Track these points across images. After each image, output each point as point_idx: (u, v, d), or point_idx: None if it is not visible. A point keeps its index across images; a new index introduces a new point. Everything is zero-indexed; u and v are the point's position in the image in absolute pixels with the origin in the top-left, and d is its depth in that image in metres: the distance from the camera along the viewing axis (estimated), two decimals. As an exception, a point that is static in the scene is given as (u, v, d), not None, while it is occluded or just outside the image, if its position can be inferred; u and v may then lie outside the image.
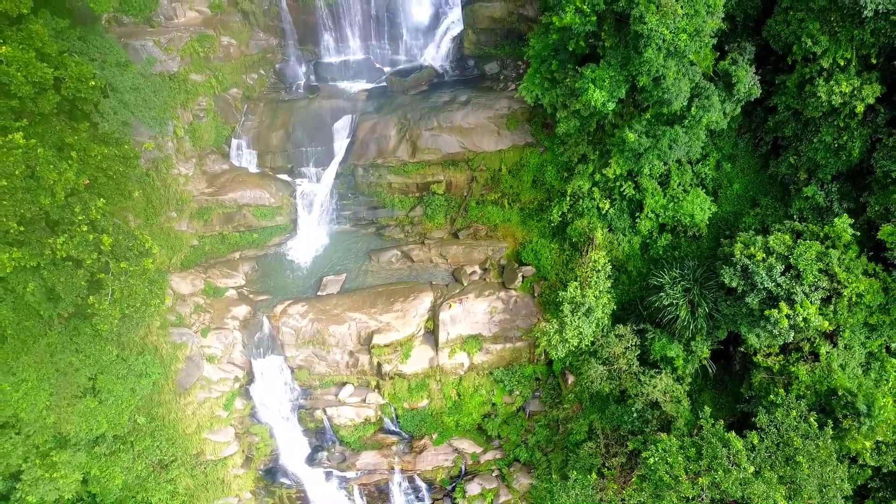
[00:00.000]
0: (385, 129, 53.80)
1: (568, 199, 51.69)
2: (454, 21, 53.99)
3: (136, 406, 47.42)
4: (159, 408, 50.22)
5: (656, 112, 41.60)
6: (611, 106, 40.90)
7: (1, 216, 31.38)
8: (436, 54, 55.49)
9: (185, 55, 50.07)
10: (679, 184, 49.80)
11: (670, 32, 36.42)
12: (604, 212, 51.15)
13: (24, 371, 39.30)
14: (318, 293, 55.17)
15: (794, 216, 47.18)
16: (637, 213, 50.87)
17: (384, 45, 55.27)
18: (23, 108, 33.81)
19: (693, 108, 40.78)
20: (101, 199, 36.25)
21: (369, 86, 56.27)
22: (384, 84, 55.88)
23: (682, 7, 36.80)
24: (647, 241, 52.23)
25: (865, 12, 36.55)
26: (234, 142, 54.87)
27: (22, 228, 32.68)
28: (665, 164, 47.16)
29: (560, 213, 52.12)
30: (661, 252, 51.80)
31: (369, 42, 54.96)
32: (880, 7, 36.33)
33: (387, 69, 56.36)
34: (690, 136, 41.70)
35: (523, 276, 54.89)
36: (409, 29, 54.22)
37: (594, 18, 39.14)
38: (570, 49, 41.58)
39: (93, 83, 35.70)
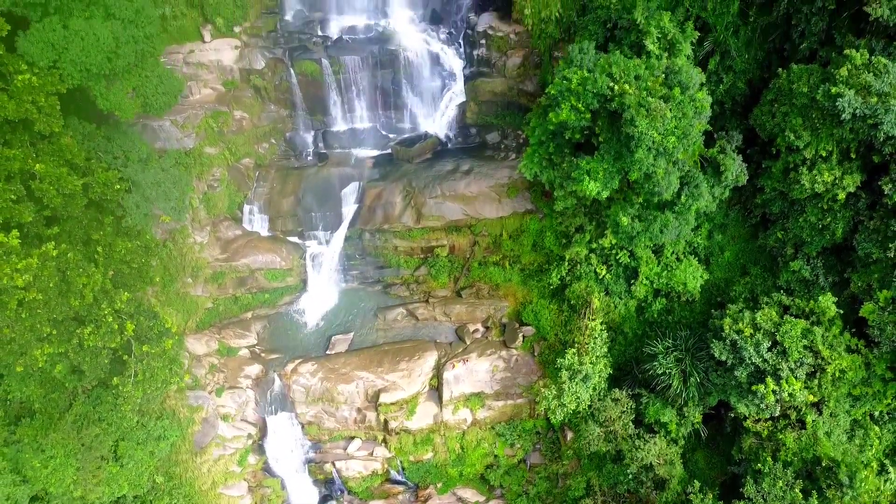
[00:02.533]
0: (391, 196, 56.18)
1: (566, 263, 53.98)
2: (457, 93, 56.26)
3: (154, 467, 49.90)
4: (176, 467, 52.79)
5: (648, 197, 43.80)
6: (605, 194, 43.21)
7: (36, 323, 33.81)
8: (439, 123, 57.79)
9: (199, 131, 52.55)
10: (672, 252, 52.07)
11: (659, 135, 38.64)
12: (601, 277, 53.44)
13: (52, 448, 41.82)
14: (327, 352, 57.66)
15: (782, 286, 49.32)
16: (632, 280, 53.12)
17: (390, 114, 57.59)
18: (54, 214, 36.29)
19: (683, 196, 42.99)
20: (126, 294, 38.70)
21: (376, 153, 58.63)
22: (390, 151, 58.22)
23: (670, 110, 39.04)
24: (643, 304, 54.50)
25: (844, 115, 38.71)
26: (247, 207, 57.33)
27: (54, 331, 35.15)
28: (658, 237, 49.44)
29: (559, 276, 54.40)
30: (655, 315, 54.08)
31: (376, 111, 57.30)
32: (857, 111, 38.47)
33: (392, 136, 58.64)
34: (681, 221, 43.90)
35: (524, 336, 57.25)
36: (414, 99, 56.51)
37: (588, 116, 41.43)
38: (567, 137, 43.81)
39: (118, 187, 38.24)
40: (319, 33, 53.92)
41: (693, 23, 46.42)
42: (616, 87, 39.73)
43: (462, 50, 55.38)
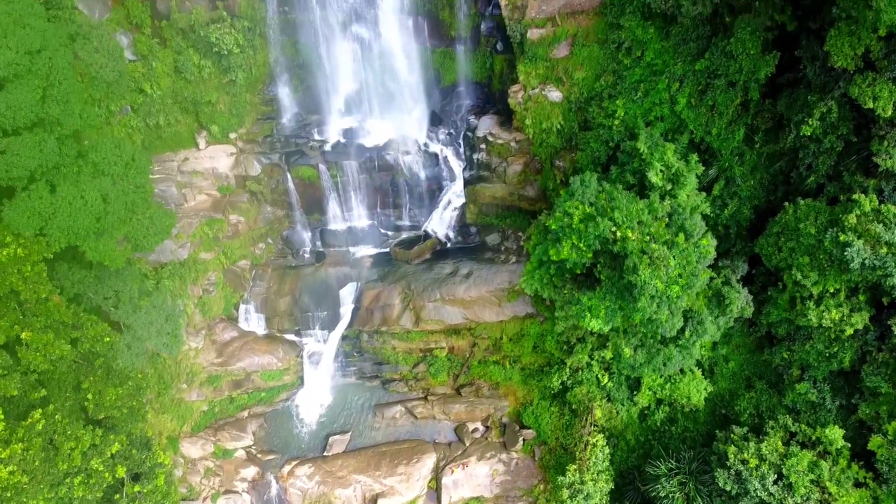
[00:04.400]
0: (389, 297, 55.26)
1: (567, 368, 52.98)
2: (456, 193, 55.34)
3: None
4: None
5: (651, 334, 42.83)
6: (606, 329, 42.20)
7: (22, 498, 32.92)
8: (439, 222, 56.83)
9: (194, 240, 51.69)
10: (676, 364, 50.98)
11: (663, 284, 37.65)
12: (602, 384, 52.42)
13: None
14: (325, 453, 56.72)
15: (788, 406, 48.27)
16: (635, 390, 52.12)
17: (389, 213, 56.72)
18: (41, 377, 35.45)
19: (687, 332, 42.01)
20: (117, 444, 37.80)
21: (374, 251, 57.74)
22: (388, 249, 57.29)
23: (674, 258, 38.04)
24: (646, 411, 53.49)
25: (852, 264, 37.68)
26: (243, 307, 56.45)
27: (50, 495, 34.28)
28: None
29: (560, 381, 53.43)
30: (658, 424, 53.05)
31: (374, 210, 56.43)
32: (866, 261, 37.44)
33: (391, 233, 57.75)
34: (685, 355, 42.94)
35: (524, 440, 56.29)
36: (413, 199, 55.62)
37: (590, 255, 40.44)
38: (569, 267, 42.82)
39: (107, 339, 37.33)
40: (317, 137, 53.01)
41: (698, 145, 45.67)
42: (618, 232, 38.74)
43: (462, 151, 54.45)
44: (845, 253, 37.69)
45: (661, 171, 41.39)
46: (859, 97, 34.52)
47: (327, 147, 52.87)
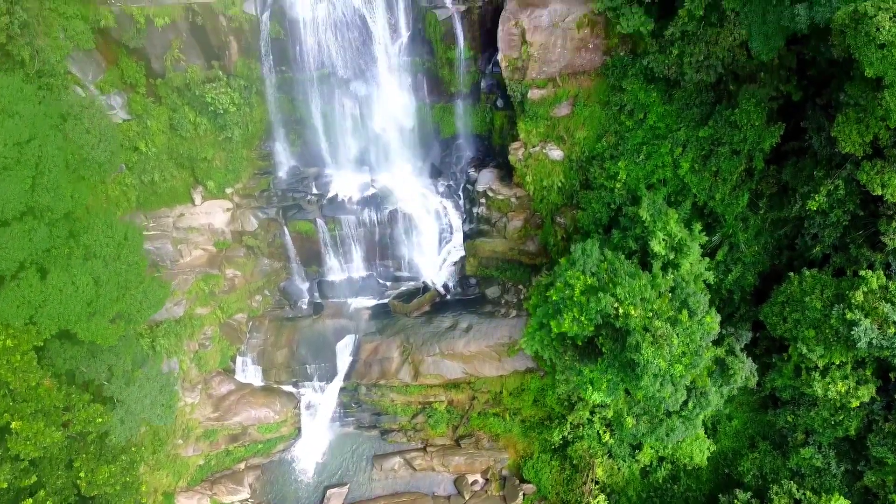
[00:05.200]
0: (388, 351, 54.54)
1: (569, 424, 52.26)
2: (456, 246, 54.62)
3: None
4: None
5: (654, 406, 42.13)
6: (608, 401, 41.48)
7: None
8: (438, 273, 56.12)
9: (190, 296, 50.95)
10: (678, 423, 50.23)
11: (666, 363, 36.94)
12: (604, 441, 51.70)
13: None
14: (322, 507, 56.05)
15: (793, 469, 47.54)
16: (637, 447, 51.41)
17: (387, 264, 55.94)
18: (33, 464, 34.75)
19: (690, 404, 41.30)
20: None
21: (373, 302, 57.00)
22: (387, 301, 56.56)
23: (677, 335, 37.33)
24: (647, 469, 52.76)
25: (860, 343, 36.96)
26: (240, 359, 55.71)
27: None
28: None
29: (560, 436, 52.70)
30: (660, 482, 52.34)
31: (373, 261, 55.67)
32: (874, 341, 36.73)
33: (389, 283, 57.01)
34: (688, 426, 42.24)
35: (524, 494, 55.60)
36: (412, 251, 54.88)
37: (592, 328, 39.74)
38: (571, 336, 42.10)
39: (100, 420, 36.62)
40: (314, 191, 52.28)
41: (702, 209, 44.98)
42: (621, 309, 38.03)
43: (461, 203, 53.72)
44: (852, 332, 36.97)
45: (663, 240, 40.64)
46: (867, 184, 33.80)
47: (325, 201, 52.08)
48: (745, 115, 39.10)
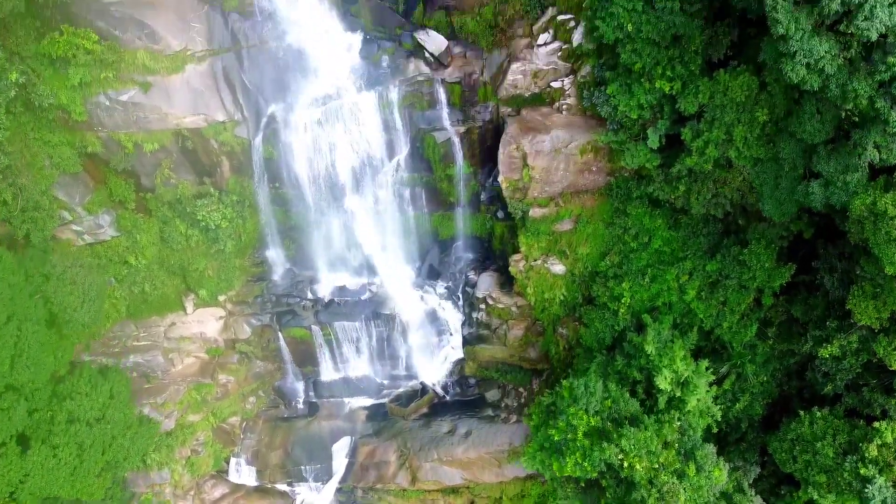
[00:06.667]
0: (385, 454, 53.21)
1: (570, 532, 50.90)
2: (455, 348, 53.25)
3: None
4: None
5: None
6: (615, 537, 40.18)
7: None
8: (436, 373, 54.74)
9: (182, 406, 49.60)
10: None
11: (672, 522, 35.61)
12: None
13: None
14: None
15: None
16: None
17: (385, 363, 54.54)
18: None
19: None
20: None
21: (370, 402, 55.62)
22: (385, 401, 55.20)
23: (684, 490, 36.03)
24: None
25: (873, 502, 35.56)
26: (234, 460, 54.35)
27: None
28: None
29: (562, 543, 51.33)
30: None
31: (370, 361, 54.27)
32: (888, 500, 35.35)
33: (387, 382, 55.65)
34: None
35: None
36: (410, 351, 53.52)
37: (595, 474, 38.41)
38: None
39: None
40: (309, 296, 50.91)
41: (708, 334, 43.65)
42: (625, 461, 36.70)
43: (461, 304, 52.31)
44: (866, 489, 35.59)
45: (669, 377, 39.29)
46: (885, 358, 32.44)
47: (320, 306, 50.71)
48: (755, 257, 37.72)
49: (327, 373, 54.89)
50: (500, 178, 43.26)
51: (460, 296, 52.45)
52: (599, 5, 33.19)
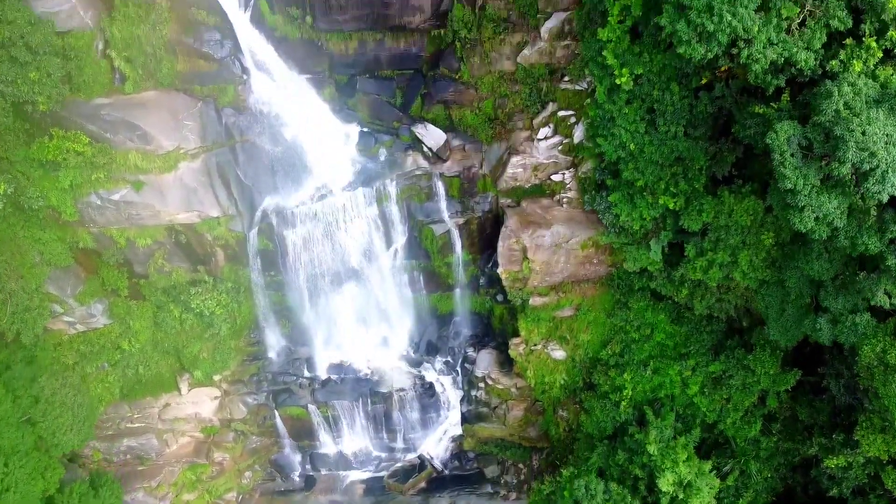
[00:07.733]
0: (382, 532, 52.51)
1: None
2: (453, 424, 52.56)
3: None
4: None
5: None
6: None
7: None
8: (434, 447, 53.99)
9: (176, 487, 48.87)
10: None
11: None
12: None
13: None
14: None
15: None
16: None
17: (382, 436, 53.71)
18: None
19: None
20: None
21: (367, 475, 54.79)
22: (382, 475, 54.41)
23: None
24: None
25: None
26: (229, 535, 53.59)
27: None
28: None
29: None
30: None
31: (368, 435, 53.48)
32: None
33: (385, 454, 54.86)
34: None
35: None
36: (408, 426, 52.77)
37: (596, 581, 37.67)
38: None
39: None
40: (306, 374, 50.13)
41: (711, 427, 42.89)
42: (628, 574, 35.99)
43: (459, 380, 51.56)
44: None
45: (672, 479, 38.54)
46: (892, 489, 31.69)
47: (317, 384, 49.95)
48: (759, 363, 36.99)
49: (324, 447, 54.04)
50: (499, 270, 42.52)
51: (459, 371, 51.71)
52: (601, 124, 32.45)
